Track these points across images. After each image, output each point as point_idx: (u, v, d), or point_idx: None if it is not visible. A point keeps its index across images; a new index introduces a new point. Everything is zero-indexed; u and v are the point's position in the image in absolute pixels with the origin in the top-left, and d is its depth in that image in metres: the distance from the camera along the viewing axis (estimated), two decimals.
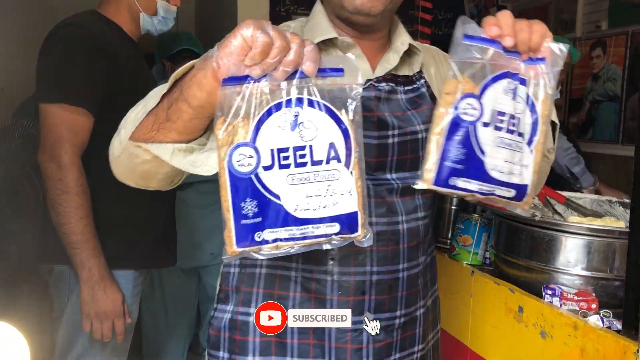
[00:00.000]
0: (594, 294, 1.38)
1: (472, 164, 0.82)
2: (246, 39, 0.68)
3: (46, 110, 1.58)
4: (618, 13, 3.69)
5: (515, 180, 0.85)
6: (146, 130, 0.83)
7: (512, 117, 0.84)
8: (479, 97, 0.82)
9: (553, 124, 1.04)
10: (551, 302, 1.38)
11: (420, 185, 0.83)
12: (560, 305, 1.36)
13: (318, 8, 1.11)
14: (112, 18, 1.75)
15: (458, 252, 1.76)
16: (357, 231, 0.75)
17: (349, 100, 0.73)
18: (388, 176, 1.04)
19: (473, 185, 0.83)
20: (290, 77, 0.71)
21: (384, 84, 1.05)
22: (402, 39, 1.11)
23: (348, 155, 0.74)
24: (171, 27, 1.88)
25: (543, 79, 0.85)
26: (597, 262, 1.40)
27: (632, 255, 1.17)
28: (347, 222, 0.74)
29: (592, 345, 1.22)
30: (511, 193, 0.85)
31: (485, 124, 0.82)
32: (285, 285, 1.03)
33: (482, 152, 0.82)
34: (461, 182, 0.82)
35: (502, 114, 0.83)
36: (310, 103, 0.72)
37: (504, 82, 0.83)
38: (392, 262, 1.04)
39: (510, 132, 0.84)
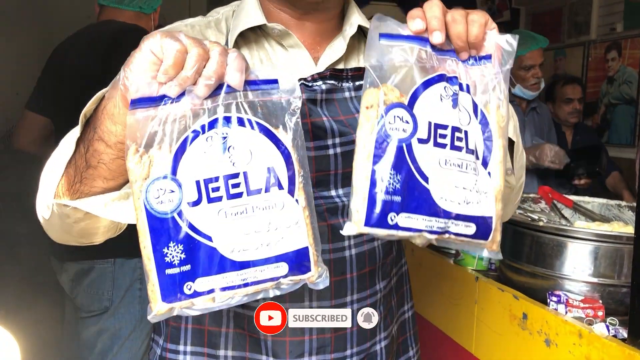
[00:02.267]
0: (600, 301, 1.35)
1: (414, 193, 0.64)
2: (154, 51, 0.58)
3: None
4: (633, 15, 3.63)
5: (473, 211, 0.67)
6: (68, 184, 0.71)
7: (457, 129, 0.67)
8: (409, 107, 0.65)
9: (511, 141, 0.86)
10: (556, 309, 1.35)
11: (349, 229, 0.64)
12: (566, 313, 1.32)
13: None
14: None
15: (462, 257, 1.73)
16: (309, 270, 0.64)
17: (287, 116, 0.63)
18: (333, 193, 0.88)
19: (419, 222, 0.65)
20: (214, 92, 0.60)
21: (319, 83, 0.87)
22: (352, 21, 0.92)
23: (291, 181, 0.63)
24: None
25: (492, 82, 0.69)
26: (604, 268, 1.37)
27: (638, 260, 1.14)
28: (297, 260, 0.63)
29: (597, 353, 1.19)
30: (471, 229, 0.68)
31: (422, 141, 0.65)
32: (218, 320, 0.91)
33: (424, 177, 0.65)
34: (403, 220, 0.64)
35: (442, 126, 0.66)
36: (241, 122, 0.61)
37: (439, 87, 0.67)
38: (336, 295, 0.89)
39: (457, 148, 0.67)
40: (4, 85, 4.44)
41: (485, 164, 0.69)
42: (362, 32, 0.93)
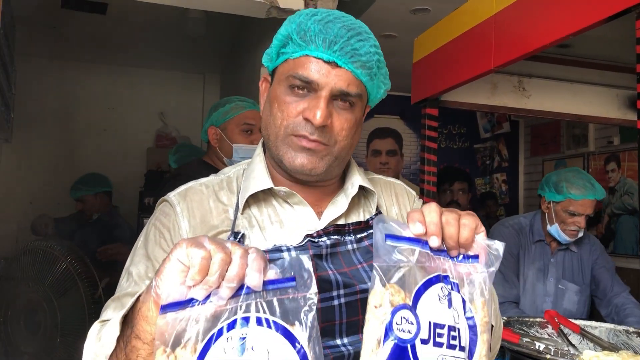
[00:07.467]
0: None
1: None
2: (181, 260, 0.63)
3: None
4: (629, 129, 3.78)
5: None
6: None
7: (452, 328, 0.72)
8: (413, 308, 0.70)
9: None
10: None
11: None
12: None
13: (257, 152, 1.03)
14: (213, 164, 2.11)
15: None
16: None
17: (304, 313, 0.66)
18: (338, 342, 0.90)
19: None
20: (237, 292, 0.64)
21: (324, 239, 0.94)
22: (353, 180, 1.01)
23: None
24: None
25: (478, 280, 0.75)
26: None
27: None
28: None
29: None
30: None
31: (424, 341, 0.70)
32: None
33: None
34: None
35: (440, 326, 0.71)
36: (259, 321, 0.64)
37: (437, 288, 0.73)
38: None
39: (452, 347, 0.71)
40: (20, 193, 4.58)
41: (470, 356, 0.73)
42: (361, 188, 1.01)
